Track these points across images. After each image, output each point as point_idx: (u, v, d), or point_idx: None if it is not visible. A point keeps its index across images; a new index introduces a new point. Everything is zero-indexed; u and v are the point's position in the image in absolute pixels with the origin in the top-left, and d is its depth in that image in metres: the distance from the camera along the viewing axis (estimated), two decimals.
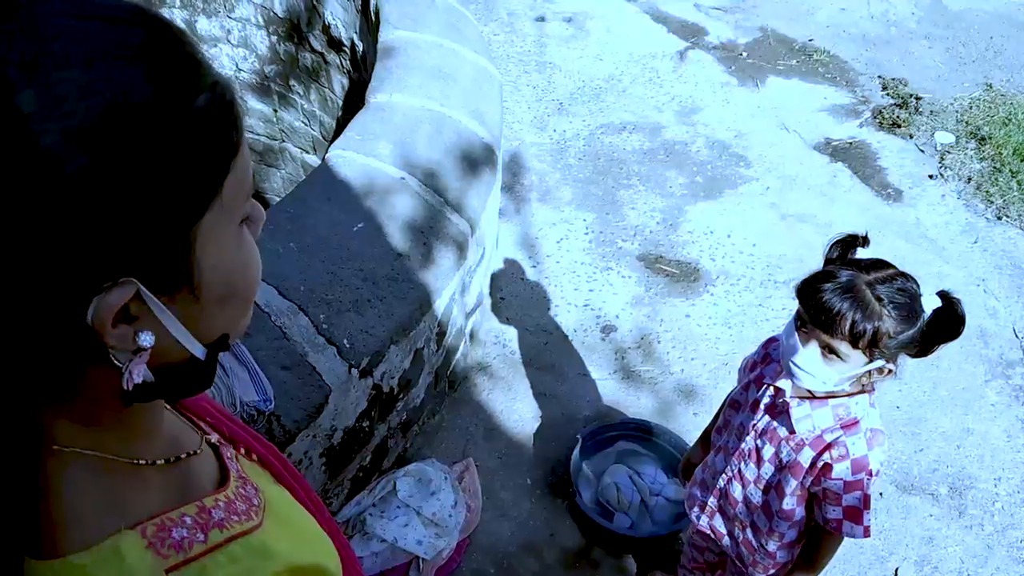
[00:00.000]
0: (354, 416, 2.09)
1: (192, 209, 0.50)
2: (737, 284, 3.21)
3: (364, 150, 2.36)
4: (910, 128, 4.02)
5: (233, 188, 0.53)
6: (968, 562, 2.45)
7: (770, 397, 1.56)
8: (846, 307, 1.30)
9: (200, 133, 0.49)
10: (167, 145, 0.47)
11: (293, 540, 0.68)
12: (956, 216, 3.59)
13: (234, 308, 0.59)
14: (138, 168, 0.46)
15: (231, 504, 0.64)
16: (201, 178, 0.50)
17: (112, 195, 0.45)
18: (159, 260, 0.50)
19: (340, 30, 3.35)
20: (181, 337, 0.55)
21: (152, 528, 0.56)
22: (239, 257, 0.57)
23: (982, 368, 2.97)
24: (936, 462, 2.68)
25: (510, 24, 4.64)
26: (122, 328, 0.50)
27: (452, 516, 2.29)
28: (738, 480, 1.66)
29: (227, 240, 0.55)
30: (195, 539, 0.58)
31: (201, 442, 0.70)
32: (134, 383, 0.52)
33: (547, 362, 2.92)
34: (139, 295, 0.50)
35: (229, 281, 0.56)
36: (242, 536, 0.62)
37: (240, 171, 0.53)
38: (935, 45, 4.65)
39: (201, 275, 0.53)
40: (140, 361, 0.52)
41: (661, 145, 3.88)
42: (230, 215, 0.54)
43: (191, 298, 0.54)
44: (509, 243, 3.34)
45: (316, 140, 3.87)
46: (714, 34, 4.65)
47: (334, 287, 2.03)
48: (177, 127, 0.48)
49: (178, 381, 0.59)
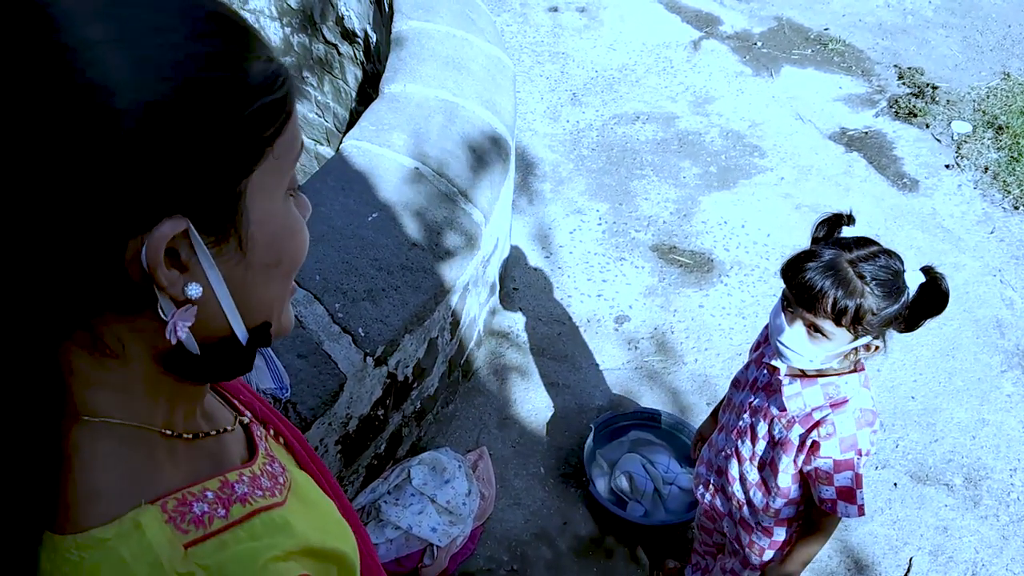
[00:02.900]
0: (369, 404, 2.10)
1: (245, 159, 0.52)
2: (751, 274, 3.20)
3: (378, 140, 2.37)
4: (926, 117, 3.98)
5: (283, 149, 0.55)
6: (983, 552, 2.44)
7: (765, 376, 1.58)
8: (828, 285, 1.32)
9: (259, 94, 0.52)
10: (230, 100, 0.50)
11: (314, 523, 0.68)
12: (973, 206, 3.56)
13: (278, 281, 0.60)
14: (199, 118, 0.48)
15: (256, 479, 0.64)
16: (255, 131, 0.52)
17: (172, 137, 0.48)
18: (210, 201, 0.51)
19: (354, 21, 3.36)
20: (226, 305, 0.56)
21: (173, 503, 0.56)
22: (286, 223, 0.58)
23: (998, 359, 2.95)
24: (951, 452, 2.67)
25: (523, 14, 4.63)
26: (172, 273, 0.51)
27: (466, 504, 2.31)
28: (735, 457, 1.68)
29: (275, 203, 0.57)
30: (216, 514, 0.58)
31: (235, 421, 0.71)
32: (179, 335, 0.53)
33: (560, 352, 2.92)
34: (188, 237, 0.51)
35: (275, 244, 0.58)
36: (264, 511, 0.62)
37: (290, 134, 0.56)
38: (952, 34, 4.61)
39: (249, 230, 0.54)
40: (187, 314, 0.53)
41: (675, 135, 3.87)
42: (279, 177, 0.56)
43: (238, 254, 0.55)
44: (522, 233, 3.34)
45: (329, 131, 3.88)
46: (728, 23, 4.62)
47: (349, 277, 2.04)
48: (237, 87, 0.51)
49: (217, 361, 0.59)
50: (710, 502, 1.83)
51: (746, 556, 1.78)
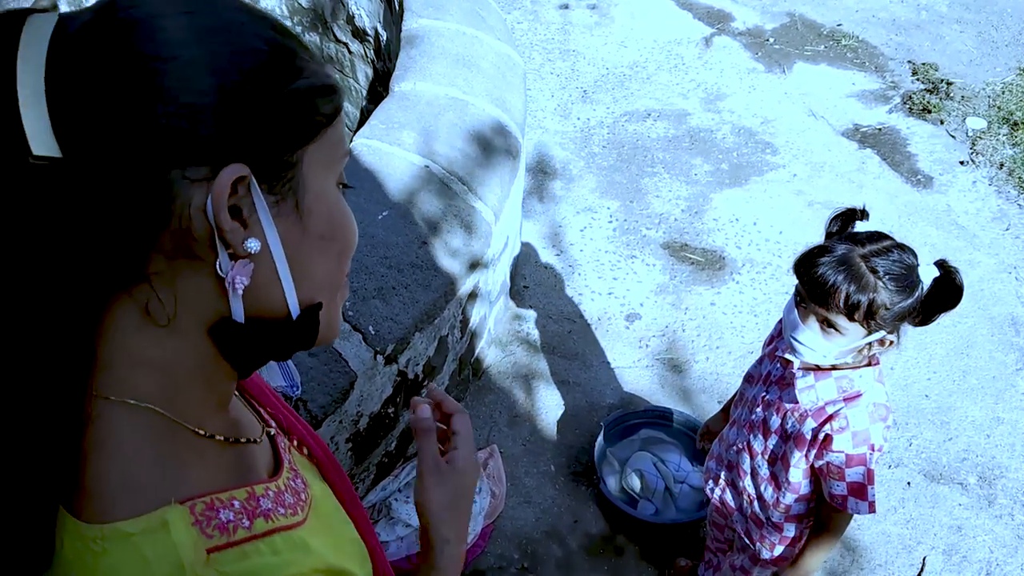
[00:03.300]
0: (379, 402, 2.11)
1: (302, 131, 0.56)
2: (763, 272, 3.19)
3: (388, 138, 2.37)
4: (941, 113, 3.95)
5: (334, 136, 0.59)
6: (997, 552, 2.42)
7: (779, 370, 1.58)
8: (840, 280, 1.31)
9: (314, 80, 0.57)
10: (287, 80, 0.55)
11: (331, 542, 0.68)
12: (987, 202, 3.53)
13: (332, 260, 0.62)
14: (261, 92, 0.53)
15: (280, 495, 0.64)
16: (310, 110, 0.56)
17: (239, 101, 0.52)
18: (271, 157, 0.54)
19: (364, 20, 3.36)
20: (280, 266, 0.57)
21: (201, 506, 0.56)
22: (340, 206, 0.61)
23: (1013, 356, 2.92)
24: (966, 451, 2.65)
25: (534, 11, 4.62)
26: (235, 224, 0.53)
27: (476, 502, 2.31)
28: (747, 452, 1.67)
29: (330, 183, 0.60)
30: (240, 524, 0.58)
31: (262, 432, 0.71)
32: (241, 285, 0.55)
33: (571, 350, 2.92)
34: (250, 193, 0.54)
35: (331, 219, 0.60)
36: (285, 530, 0.61)
37: (340, 130, 0.60)
38: (967, 29, 4.57)
39: (306, 195, 0.57)
40: (244, 269, 0.55)
41: (686, 132, 3.86)
42: (333, 161, 0.60)
43: (295, 214, 0.57)
44: (533, 231, 3.34)
45: None
46: (740, 20, 4.60)
47: (359, 274, 2.04)
48: (296, 73, 0.56)
49: (261, 338, 0.59)
50: (720, 497, 1.82)
51: (756, 552, 1.78)
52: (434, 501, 0.80)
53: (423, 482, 0.80)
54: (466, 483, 0.82)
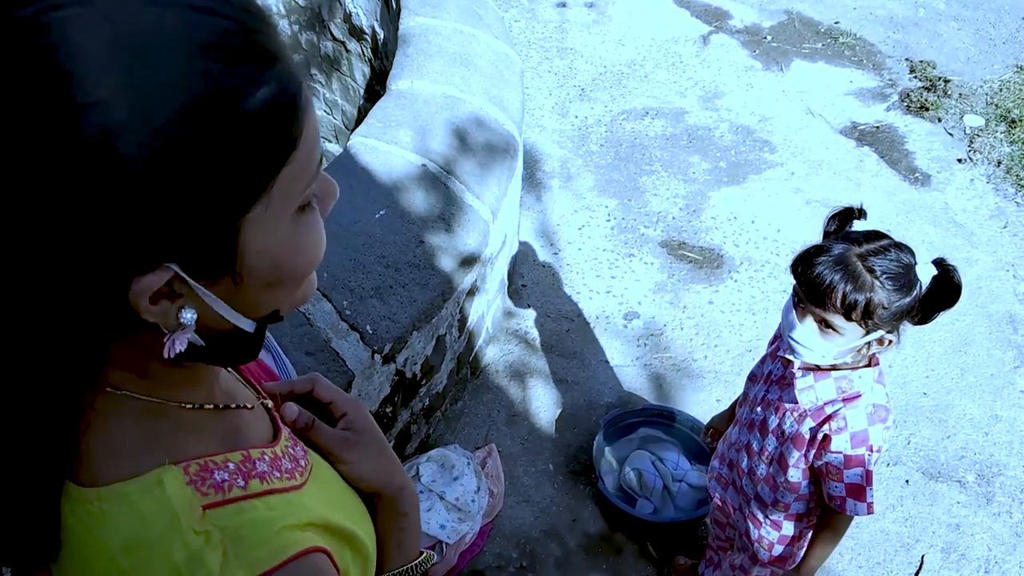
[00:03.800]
0: (377, 401, 2.10)
1: (240, 202, 0.50)
2: (761, 270, 3.18)
3: (385, 137, 2.37)
4: (938, 111, 3.95)
5: (289, 179, 0.52)
6: (996, 550, 2.42)
7: (779, 369, 1.58)
8: (837, 279, 1.31)
9: (257, 129, 0.48)
10: (223, 141, 0.47)
11: (333, 503, 0.69)
12: (985, 200, 3.53)
13: (283, 290, 0.59)
14: (192, 164, 0.46)
15: (276, 460, 0.66)
16: (252, 172, 0.49)
17: (161, 188, 0.45)
18: (202, 249, 0.50)
19: (361, 18, 3.35)
20: (226, 314, 0.56)
21: (195, 467, 0.58)
22: (292, 244, 0.56)
23: (1011, 354, 2.93)
24: (964, 449, 2.65)
25: (531, 10, 4.62)
26: (163, 304, 0.51)
27: (475, 501, 2.30)
28: (746, 451, 1.67)
29: (279, 228, 0.54)
30: (235, 483, 0.59)
31: (256, 401, 0.72)
32: (176, 352, 0.54)
33: (569, 349, 2.91)
34: (180, 277, 0.50)
35: (277, 267, 0.56)
36: (281, 492, 0.63)
37: (301, 161, 0.52)
38: (964, 27, 4.56)
39: (245, 263, 0.53)
40: (183, 334, 0.54)
41: (684, 130, 3.85)
42: (284, 204, 0.53)
43: (234, 283, 0.54)
44: (530, 230, 3.34)
45: (338, 129, 3.88)
46: (738, 17, 4.59)
47: (357, 274, 2.04)
48: (235, 124, 0.47)
49: (226, 349, 0.60)
50: (721, 496, 1.82)
51: (755, 551, 1.78)
52: (367, 467, 0.77)
53: (346, 459, 0.76)
54: (374, 430, 0.80)
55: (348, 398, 0.81)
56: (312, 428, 0.75)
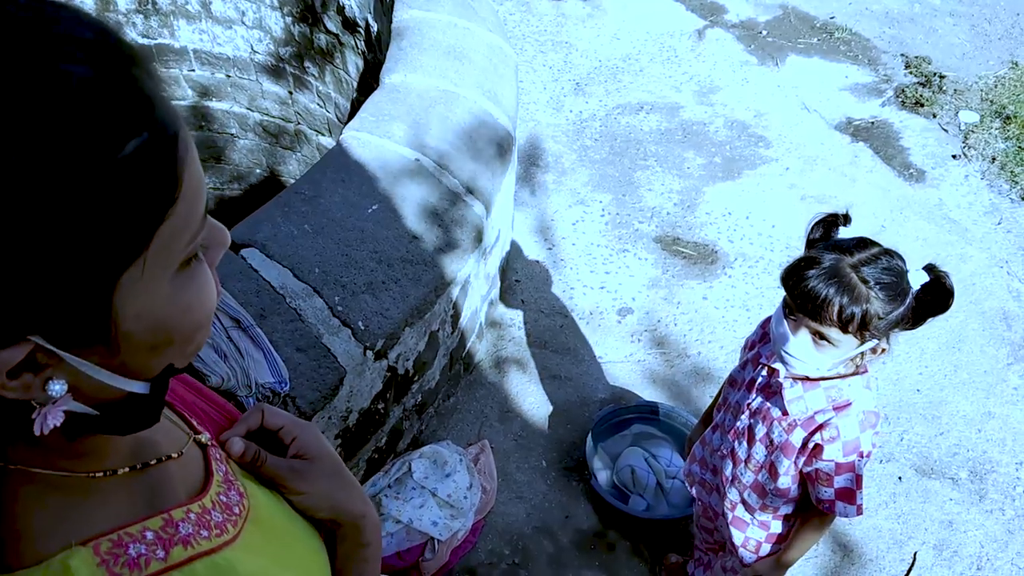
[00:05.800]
0: (369, 398, 2.09)
1: (111, 266, 0.45)
2: (755, 266, 3.18)
3: (378, 131, 2.35)
4: (933, 107, 3.94)
5: (169, 235, 0.47)
6: (988, 547, 2.42)
7: (764, 377, 1.55)
8: (832, 293, 1.27)
9: (126, 185, 0.43)
10: (86, 201, 0.42)
11: (273, 554, 0.65)
12: (980, 197, 3.52)
13: (172, 349, 0.54)
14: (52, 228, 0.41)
15: (204, 515, 0.61)
16: (124, 232, 0.44)
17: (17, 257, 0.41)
18: (69, 318, 0.45)
19: (355, 10, 3.33)
20: (108, 380, 0.51)
21: (107, 544, 0.53)
22: (176, 304, 0.51)
23: (1004, 351, 2.93)
24: (957, 446, 2.65)
25: (526, 3, 4.59)
26: (25, 378, 0.47)
27: (467, 497, 2.29)
28: (731, 458, 1.65)
29: (159, 289, 0.49)
30: (153, 556, 0.55)
31: (187, 443, 0.67)
32: (48, 428, 0.49)
33: (562, 344, 2.90)
34: (44, 348, 0.46)
35: (158, 329, 0.51)
36: (207, 555, 0.59)
37: (182, 215, 0.48)
38: (960, 22, 4.56)
39: (121, 328, 0.48)
40: (55, 407, 0.49)
41: (679, 125, 3.84)
42: (164, 263, 0.49)
43: (110, 347, 0.49)
44: (524, 225, 3.32)
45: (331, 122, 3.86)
46: (733, 12, 4.58)
47: (349, 269, 2.02)
48: (99, 181, 0.42)
49: (123, 416, 0.55)
50: (705, 501, 1.80)
51: (740, 557, 1.76)
52: (321, 496, 0.74)
53: (298, 489, 0.72)
54: (329, 455, 0.76)
55: (298, 421, 0.76)
56: (260, 460, 0.71)
